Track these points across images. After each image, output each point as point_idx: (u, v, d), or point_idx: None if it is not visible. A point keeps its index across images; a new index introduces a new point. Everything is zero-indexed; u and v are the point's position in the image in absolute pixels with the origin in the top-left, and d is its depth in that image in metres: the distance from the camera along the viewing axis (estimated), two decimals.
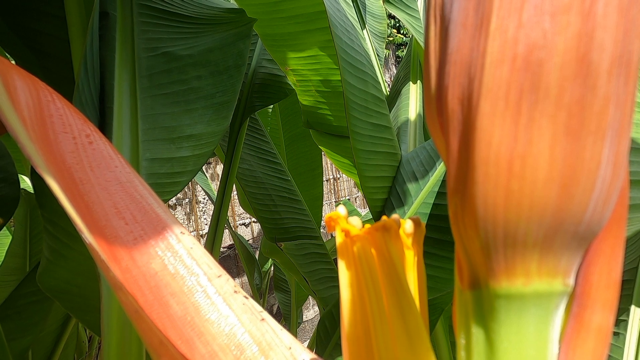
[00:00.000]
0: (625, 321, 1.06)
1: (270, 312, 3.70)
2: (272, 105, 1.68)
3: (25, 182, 1.40)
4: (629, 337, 1.05)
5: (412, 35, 1.54)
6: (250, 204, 1.49)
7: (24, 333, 1.07)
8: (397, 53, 6.43)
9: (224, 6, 0.96)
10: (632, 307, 1.07)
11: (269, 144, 1.48)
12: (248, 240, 3.47)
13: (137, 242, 0.43)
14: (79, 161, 0.44)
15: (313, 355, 0.41)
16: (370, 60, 1.06)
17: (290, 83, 1.31)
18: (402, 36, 6.35)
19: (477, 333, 0.28)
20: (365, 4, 1.67)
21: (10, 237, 1.42)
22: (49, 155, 0.42)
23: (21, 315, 1.04)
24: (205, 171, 3.17)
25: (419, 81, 1.50)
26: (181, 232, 0.44)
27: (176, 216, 3.52)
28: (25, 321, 1.06)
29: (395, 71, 6.04)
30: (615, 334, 1.06)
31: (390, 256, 0.34)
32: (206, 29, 0.91)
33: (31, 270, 1.04)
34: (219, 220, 1.33)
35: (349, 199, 4.85)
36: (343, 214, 0.35)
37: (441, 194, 0.96)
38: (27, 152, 0.39)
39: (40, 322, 1.09)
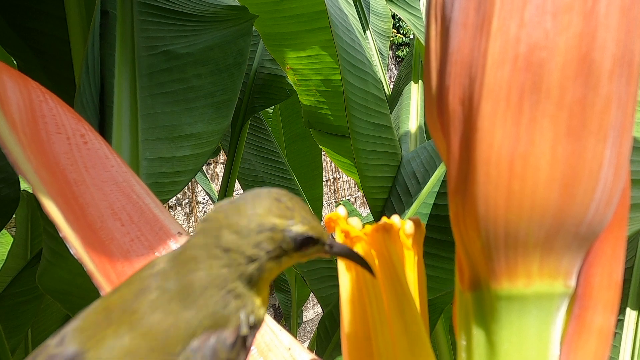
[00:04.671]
0: (622, 320, 1.06)
1: (273, 310, 3.70)
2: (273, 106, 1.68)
3: (26, 183, 1.40)
4: (625, 336, 1.05)
5: (414, 35, 1.53)
6: None
7: (14, 332, 1.06)
8: (396, 53, 6.42)
9: (224, 3, 0.95)
10: (628, 307, 1.06)
11: (272, 143, 1.48)
12: None
13: (133, 244, 0.42)
14: (73, 162, 0.43)
15: (312, 355, 0.41)
16: (371, 59, 1.06)
17: (291, 83, 1.31)
18: (401, 36, 6.34)
19: (478, 334, 0.27)
20: (369, 2, 1.66)
21: (10, 238, 1.42)
22: (42, 157, 0.42)
23: (10, 315, 1.04)
24: (205, 171, 3.17)
25: (420, 81, 1.50)
26: (179, 233, 0.44)
27: (176, 217, 3.52)
28: (14, 321, 1.05)
29: (394, 71, 6.04)
30: None
31: (390, 257, 0.34)
32: (206, 27, 0.90)
33: (20, 270, 1.04)
34: None
35: (348, 199, 4.85)
36: (343, 215, 0.35)
37: (441, 194, 0.96)
38: (12, 159, 0.38)
39: (29, 321, 1.08)
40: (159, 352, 0.25)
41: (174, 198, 3.43)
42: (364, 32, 1.61)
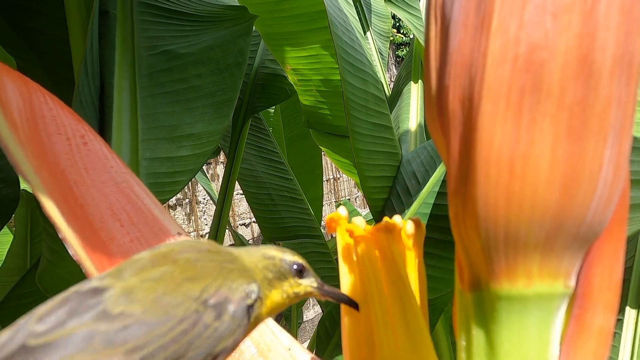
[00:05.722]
0: (621, 320, 1.06)
1: None
2: (274, 106, 1.68)
3: (26, 183, 1.40)
4: (624, 336, 1.05)
5: (414, 35, 1.53)
6: (249, 204, 1.49)
7: None
8: (397, 53, 6.42)
9: (224, 3, 0.95)
10: (627, 307, 1.07)
11: (272, 143, 1.48)
12: (249, 241, 3.46)
13: (133, 244, 0.42)
14: (73, 163, 0.43)
15: (312, 355, 0.41)
16: (371, 59, 1.06)
17: (292, 82, 1.31)
18: (401, 36, 6.33)
19: (477, 334, 0.27)
20: (370, 3, 1.66)
21: (12, 237, 1.42)
22: (42, 158, 0.42)
23: (16, 317, 1.03)
24: (205, 171, 3.17)
25: (420, 81, 1.50)
26: (178, 233, 0.44)
27: (176, 216, 3.52)
28: None
29: (394, 71, 6.04)
30: None
31: (393, 257, 0.34)
32: (207, 27, 0.90)
33: (27, 272, 1.04)
34: (221, 220, 1.33)
35: (349, 199, 4.85)
36: (344, 215, 0.35)
37: (441, 194, 0.96)
38: (13, 159, 0.38)
39: None
40: (192, 281, 0.28)
41: (174, 198, 3.43)
42: (365, 32, 1.61)
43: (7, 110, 0.41)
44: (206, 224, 3.69)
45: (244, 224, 4.03)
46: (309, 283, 0.33)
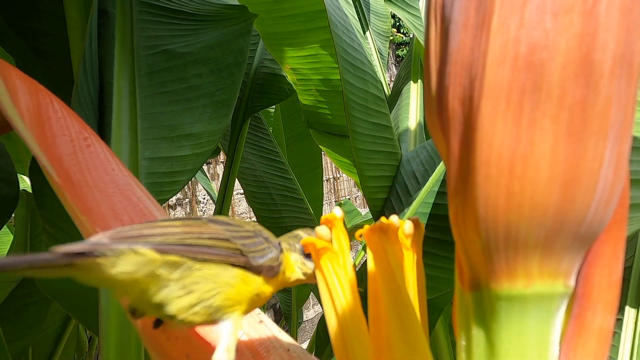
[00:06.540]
0: (620, 320, 1.07)
1: (273, 310, 3.70)
2: (273, 105, 1.68)
3: (25, 183, 1.40)
4: (624, 335, 1.06)
5: (413, 35, 1.53)
6: (250, 203, 1.49)
7: (22, 335, 1.06)
8: (397, 52, 6.42)
9: (224, 2, 0.95)
10: (627, 307, 1.07)
11: (272, 143, 1.48)
12: None
13: None
14: (76, 163, 0.44)
15: (312, 356, 0.41)
16: (371, 59, 1.06)
17: (291, 82, 1.31)
18: (402, 35, 6.34)
19: (477, 335, 0.27)
20: (369, 2, 1.67)
21: (12, 237, 1.42)
22: (48, 157, 0.43)
23: (19, 317, 1.04)
24: (205, 171, 3.16)
25: (420, 80, 1.50)
26: None
27: (176, 216, 3.52)
28: (22, 323, 1.05)
29: (394, 71, 6.04)
30: None
31: (387, 258, 0.33)
32: (206, 26, 0.90)
33: None
34: None
35: (349, 199, 4.85)
36: (339, 216, 0.35)
37: (441, 193, 0.96)
38: (33, 151, 0.40)
39: (37, 324, 1.09)
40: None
41: (174, 198, 3.43)
42: (364, 32, 1.61)
43: (19, 109, 0.42)
44: None
45: None
46: (310, 266, 0.39)
